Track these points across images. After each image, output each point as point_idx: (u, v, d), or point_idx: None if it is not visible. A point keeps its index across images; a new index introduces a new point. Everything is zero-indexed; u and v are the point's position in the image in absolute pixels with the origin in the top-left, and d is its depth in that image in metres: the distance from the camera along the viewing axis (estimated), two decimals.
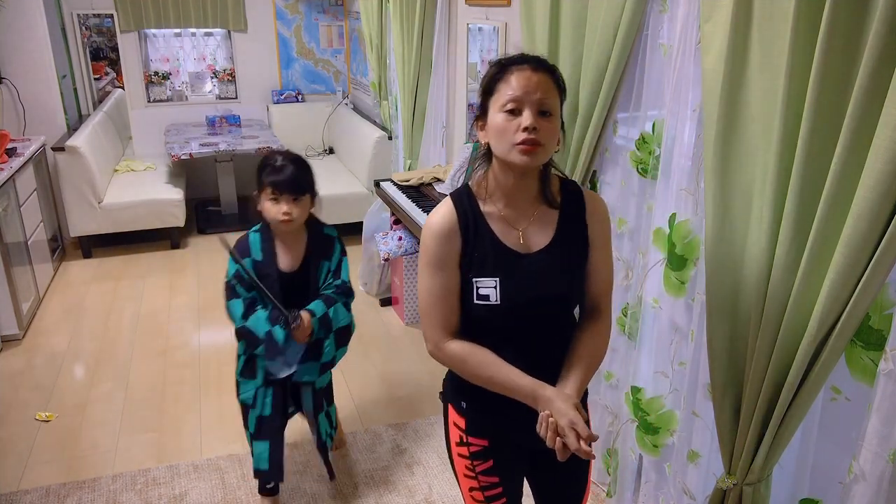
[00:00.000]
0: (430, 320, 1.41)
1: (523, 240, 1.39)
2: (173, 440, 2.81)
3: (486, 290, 1.36)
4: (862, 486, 1.34)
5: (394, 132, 4.66)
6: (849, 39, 1.21)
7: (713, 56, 1.52)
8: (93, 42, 5.51)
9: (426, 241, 1.39)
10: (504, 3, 3.05)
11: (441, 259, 1.37)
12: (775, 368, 1.44)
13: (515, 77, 1.29)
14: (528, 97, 1.27)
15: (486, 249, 1.37)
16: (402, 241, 3.66)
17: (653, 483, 2.15)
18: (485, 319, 1.39)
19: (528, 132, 1.26)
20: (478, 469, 1.51)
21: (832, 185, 1.25)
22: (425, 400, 3.11)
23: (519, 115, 1.28)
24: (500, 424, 1.48)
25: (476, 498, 1.54)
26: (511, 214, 1.40)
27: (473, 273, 1.37)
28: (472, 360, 1.38)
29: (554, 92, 1.31)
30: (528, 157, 1.28)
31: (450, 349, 1.40)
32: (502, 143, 1.30)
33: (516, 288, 1.36)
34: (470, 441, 1.51)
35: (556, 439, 1.26)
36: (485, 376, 1.37)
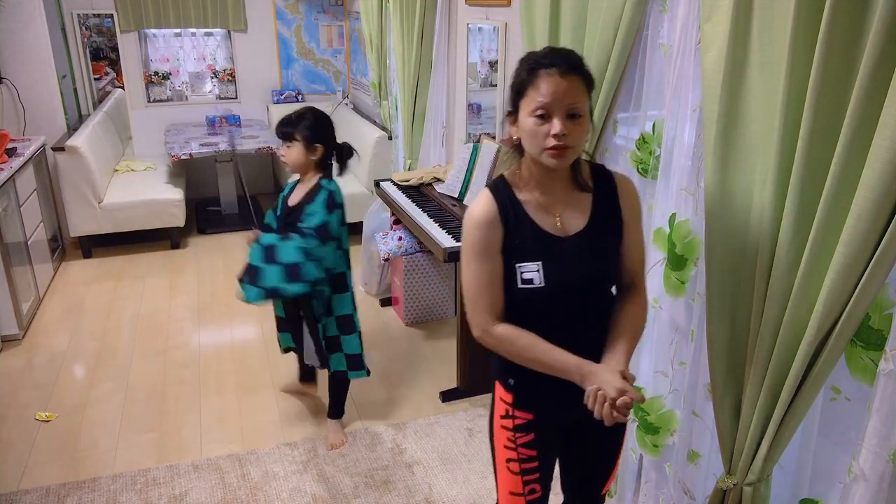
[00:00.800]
0: (476, 306, 1.48)
1: (561, 224, 1.47)
2: (173, 440, 2.81)
3: (530, 275, 1.44)
4: (862, 486, 1.34)
5: (394, 132, 4.66)
6: (849, 39, 1.21)
7: (713, 56, 1.51)
8: (93, 42, 5.51)
9: (469, 232, 1.46)
10: (504, 3, 3.05)
11: (484, 247, 1.45)
12: (775, 368, 1.45)
13: (545, 83, 1.33)
14: (558, 104, 1.32)
15: (527, 236, 1.45)
16: (402, 241, 3.66)
17: (653, 483, 2.15)
18: (529, 303, 1.47)
19: (558, 139, 1.32)
20: (519, 441, 1.60)
21: (832, 185, 1.25)
22: (425, 400, 3.11)
23: (549, 121, 1.33)
24: (544, 400, 1.56)
25: (512, 469, 1.62)
26: (547, 201, 1.47)
27: (516, 259, 1.45)
28: (519, 342, 1.46)
29: (583, 93, 1.35)
30: (558, 161, 1.36)
31: (497, 332, 1.48)
32: (533, 145, 1.37)
33: (559, 270, 1.44)
34: (515, 414, 1.59)
35: (604, 409, 1.34)
36: (531, 357, 1.45)
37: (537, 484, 1.63)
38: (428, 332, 3.75)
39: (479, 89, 3.58)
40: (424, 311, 3.84)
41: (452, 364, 3.24)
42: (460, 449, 2.76)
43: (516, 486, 1.63)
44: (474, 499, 2.49)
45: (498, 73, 3.22)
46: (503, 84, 3.21)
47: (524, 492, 1.63)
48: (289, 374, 3.29)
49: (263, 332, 3.72)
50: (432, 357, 3.48)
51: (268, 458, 2.70)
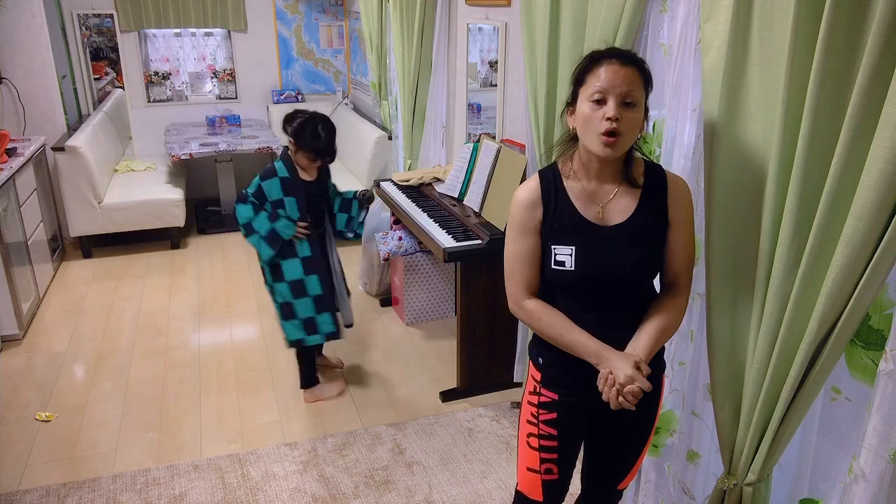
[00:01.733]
0: (512, 280, 1.58)
1: (603, 214, 1.52)
2: (173, 440, 2.81)
3: (563, 257, 1.51)
4: (862, 486, 1.34)
5: (394, 132, 4.66)
6: (849, 39, 1.21)
7: (713, 56, 1.52)
8: (93, 42, 5.51)
9: (513, 210, 1.56)
10: (504, 3, 3.05)
11: (524, 226, 1.54)
12: (775, 368, 1.44)
13: (604, 70, 1.40)
14: (614, 89, 1.38)
15: (565, 220, 1.51)
16: (402, 241, 3.66)
17: (653, 483, 2.15)
18: (561, 284, 1.54)
19: (611, 122, 1.37)
20: (541, 418, 1.65)
21: (832, 185, 1.25)
22: (425, 400, 3.11)
23: (604, 105, 1.39)
24: (570, 383, 1.61)
25: (531, 444, 1.67)
26: (593, 190, 1.53)
27: (552, 240, 1.52)
28: (545, 317, 1.54)
29: (639, 84, 1.41)
30: (610, 149, 1.41)
31: (528, 306, 1.56)
32: (587, 131, 1.43)
33: (590, 257, 1.50)
34: (542, 391, 1.65)
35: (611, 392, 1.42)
36: (555, 334, 1.53)
37: (554, 465, 1.67)
38: (428, 332, 3.75)
39: (479, 89, 3.58)
40: (424, 311, 3.84)
41: (452, 364, 3.24)
42: (460, 449, 2.76)
43: (533, 462, 1.68)
44: (474, 499, 2.49)
45: (498, 73, 3.22)
46: (503, 84, 3.21)
47: (540, 469, 1.67)
48: (289, 374, 3.30)
49: (263, 332, 3.72)
50: (432, 357, 3.48)
51: (268, 458, 2.70)
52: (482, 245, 2.84)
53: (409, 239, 3.66)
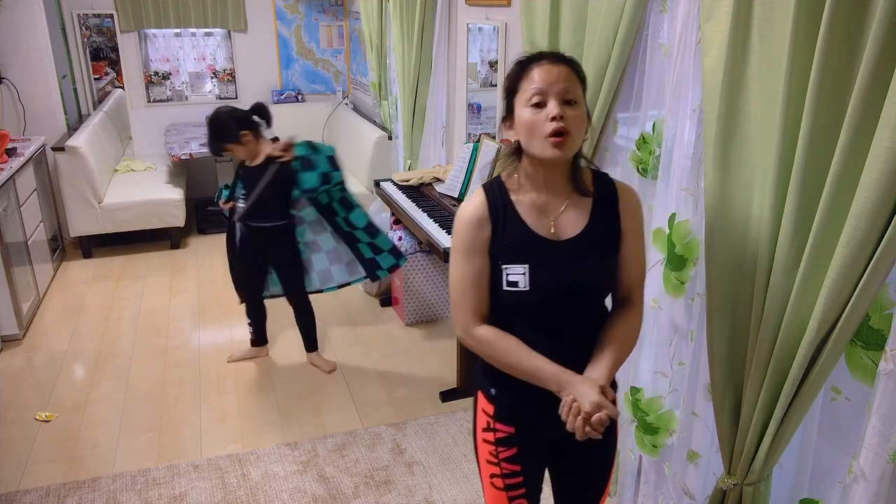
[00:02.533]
0: (460, 306, 1.45)
1: (555, 228, 1.42)
2: (173, 440, 2.81)
3: (516, 277, 1.39)
4: (862, 486, 1.34)
5: (394, 132, 4.66)
6: (849, 39, 1.21)
7: (713, 56, 1.51)
8: (93, 42, 5.51)
9: (458, 229, 1.44)
10: (504, 3, 3.05)
11: (471, 246, 1.42)
12: (775, 368, 1.44)
13: (537, 72, 1.33)
14: (552, 88, 1.31)
15: (516, 237, 1.40)
16: (402, 241, 3.66)
17: (652, 483, 2.15)
18: (514, 306, 1.43)
19: (557, 120, 1.30)
20: (501, 456, 1.54)
21: (832, 185, 1.24)
22: (425, 400, 3.11)
23: (545, 107, 1.32)
24: (527, 413, 1.50)
25: (496, 485, 1.56)
26: (543, 203, 1.43)
27: (503, 260, 1.40)
28: (498, 345, 1.42)
29: (576, 81, 1.35)
30: (559, 150, 1.32)
31: (478, 334, 1.44)
32: (533, 137, 1.34)
33: (545, 275, 1.39)
34: (497, 427, 1.53)
35: (576, 422, 1.30)
36: (511, 362, 1.41)
37: (523, 499, 1.57)
38: (428, 332, 3.75)
39: (479, 89, 3.58)
40: (424, 311, 3.84)
41: (452, 364, 3.24)
42: (460, 449, 2.76)
43: (502, 503, 1.57)
44: (474, 499, 2.49)
45: (498, 73, 3.22)
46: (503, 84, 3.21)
47: None
48: (289, 374, 3.30)
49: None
50: (432, 357, 3.48)
51: (268, 458, 2.70)
52: None
53: (409, 239, 3.66)
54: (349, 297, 4.15)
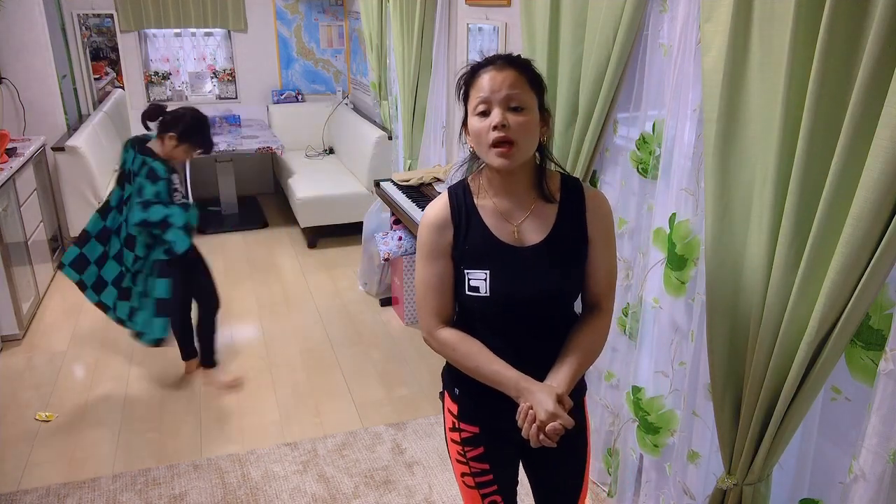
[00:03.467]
0: (424, 309, 1.45)
1: (518, 234, 1.40)
2: (173, 440, 2.81)
3: (477, 282, 1.38)
4: (862, 486, 1.34)
5: (394, 132, 4.66)
6: (849, 39, 1.21)
7: (713, 56, 1.52)
8: (93, 42, 5.51)
9: (421, 232, 1.44)
10: (504, 3, 3.05)
11: (434, 249, 1.41)
12: (775, 368, 1.45)
13: (483, 79, 1.32)
14: (495, 95, 1.29)
15: (478, 242, 1.39)
16: (402, 241, 3.66)
17: (653, 483, 2.15)
18: (476, 311, 1.43)
19: (497, 129, 1.28)
20: (468, 455, 1.54)
21: (832, 185, 1.25)
22: (425, 400, 3.11)
23: (489, 116, 1.30)
24: (490, 413, 1.50)
25: (468, 483, 1.57)
26: (507, 209, 1.41)
27: (465, 265, 1.40)
28: (460, 348, 1.41)
29: (524, 86, 1.31)
30: (505, 160, 1.30)
31: (441, 337, 1.44)
32: (480, 146, 1.34)
33: (506, 281, 1.38)
34: (461, 427, 1.54)
35: (531, 429, 1.30)
36: (472, 366, 1.40)
37: (497, 496, 1.56)
38: None
39: None
40: None
41: None
42: None
43: (476, 501, 1.58)
44: None
45: None
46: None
47: None
48: (289, 374, 3.30)
49: (263, 332, 3.72)
50: (432, 357, 3.48)
51: (268, 458, 2.70)
52: None
53: (409, 239, 3.67)
54: (349, 297, 4.15)
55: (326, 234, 5.06)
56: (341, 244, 5.02)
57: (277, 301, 4.10)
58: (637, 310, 2.14)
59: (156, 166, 2.76)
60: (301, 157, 5.78)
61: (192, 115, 2.87)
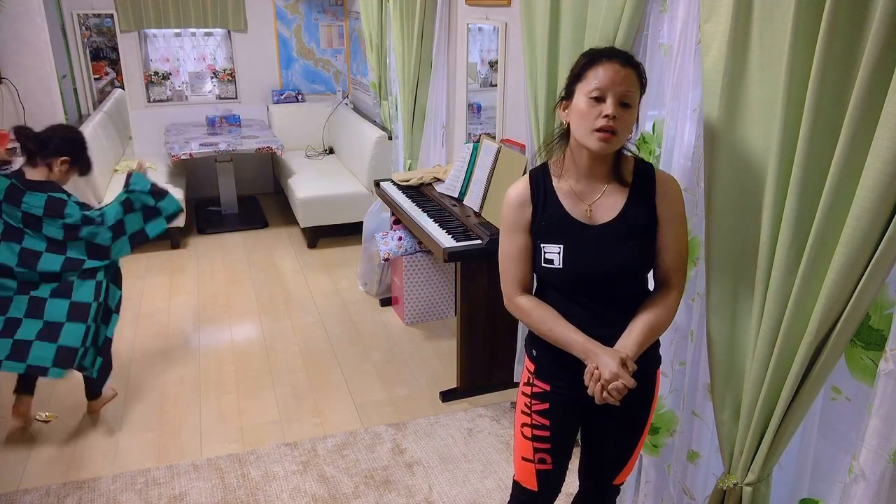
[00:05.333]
0: (505, 277, 1.62)
1: (591, 213, 1.54)
2: (173, 440, 2.81)
3: (552, 255, 1.54)
4: (862, 486, 1.34)
5: (394, 132, 4.66)
6: (849, 39, 1.21)
7: (713, 56, 1.52)
8: (93, 42, 5.51)
9: (504, 210, 1.60)
10: (504, 3, 3.05)
11: (515, 224, 1.58)
12: (775, 368, 1.44)
13: (604, 68, 1.43)
14: (613, 88, 1.41)
15: (553, 218, 1.54)
16: (402, 241, 3.66)
17: (653, 483, 2.15)
18: (550, 281, 1.58)
19: (608, 119, 1.40)
20: (534, 408, 1.68)
21: (832, 185, 1.25)
22: (425, 400, 3.11)
23: (602, 103, 1.42)
24: (561, 373, 1.62)
25: (525, 434, 1.70)
26: (582, 190, 1.55)
27: (541, 239, 1.55)
28: (535, 313, 1.57)
29: (636, 86, 1.45)
30: (605, 144, 1.43)
31: (519, 302, 1.60)
32: (582, 126, 1.45)
33: (578, 255, 1.52)
34: (535, 382, 1.68)
35: (595, 387, 1.45)
36: (545, 329, 1.56)
37: (547, 454, 1.69)
38: (428, 332, 3.75)
39: (479, 89, 3.58)
40: (424, 311, 3.84)
41: (452, 364, 3.24)
42: (460, 449, 2.76)
43: (528, 452, 1.70)
44: (474, 499, 2.49)
45: (498, 73, 3.22)
46: (503, 84, 3.21)
47: (534, 459, 1.70)
48: (289, 374, 3.30)
49: (263, 332, 3.72)
50: (432, 357, 3.48)
51: (268, 458, 2.70)
52: (482, 245, 2.84)
53: (409, 239, 3.67)
54: (349, 297, 4.15)
55: (326, 234, 5.06)
56: (341, 244, 5.02)
57: (277, 301, 4.10)
58: None
59: (58, 196, 2.58)
60: (301, 157, 5.78)
61: (74, 135, 2.69)
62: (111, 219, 2.70)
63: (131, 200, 2.78)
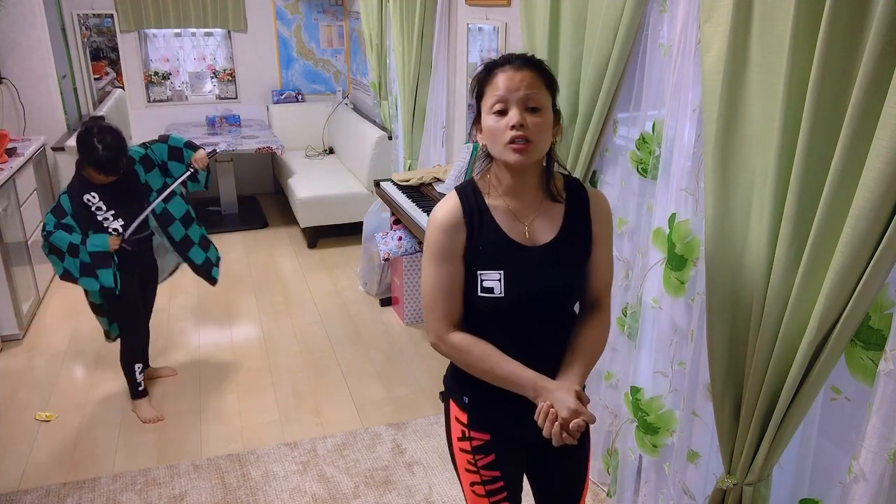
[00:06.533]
0: (433, 312, 1.42)
1: (529, 233, 1.41)
2: (173, 440, 2.81)
3: (491, 283, 1.38)
4: (862, 486, 1.34)
5: (394, 132, 4.66)
6: (849, 39, 1.21)
7: (713, 56, 1.52)
8: (93, 42, 5.51)
9: (431, 234, 1.41)
10: (504, 3, 3.05)
11: (446, 251, 1.39)
12: (775, 368, 1.45)
13: (500, 78, 1.33)
14: (513, 95, 1.30)
15: (491, 241, 1.39)
16: (402, 241, 3.66)
17: (653, 483, 2.15)
18: (489, 312, 1.41)
19: (516, 129, 1.29)
20: (479, 463, 1.53)
21: (832, 185, 1.25)
22: (425, 400, 3.11)
23: (506, 115, 1.31)
24: (501, 419, 1.50)
25: (477, 492, 1.56)
26: (517, 208, 1.42)
27: (478, 266, 1.39)
28: (474, 351, 1.40)
29: (540, 86, 1.33)
30: (521, 156, 1.31)
31: (452, 341, 1.42)
32: (495, 144, 1.34)
33: (520, 280, 1.38)
34: (472, 435, 1.53)
35: (553, 428, 1.28)
36: (486, 368, 1.39)
37: (507, 502, 1.57)
38: None
39: None
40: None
41: None
42: None
43: None
44: None
45: None
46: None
47: None
48: (289, 374, 3.30)
49: (263, 332, 3.72)
50: (432, 357, 3.48)
51: (268, 458, 2.70)
52: None
53: (409, 239, 3.67)
54: (349, 297, 4.15)
55: (326, 234, 5.06)
56: (341, 244, 5.02)
57: (277, 301, 4.10)
58: (637, 310, 2.14)
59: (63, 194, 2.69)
60: (301, 157, 5.78)
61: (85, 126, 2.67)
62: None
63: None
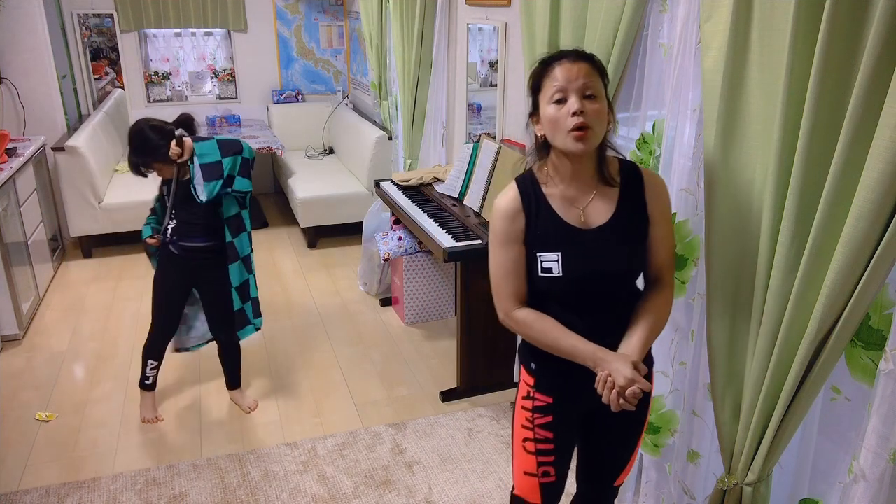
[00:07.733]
0: (500, 291, 1.58)
1: (584, 217, 1.52)
2: (173, 440, 2.81)
3: (549, 264, 1.50)
4: (862, 486, 1.34)
5: (394, 132, 4.66)
6: (849, 39, 1.21)
7: (713, 56, 1.52)
8: (93, 42, 5.51)
9: (494, 221, 1.57)
10: (504, 3, 3.05)
11: (507, 236, 1.54)
12: (775, 368, 1.45)
13: (558, 70, 1.43)
14: (572, 84, 1.41)
15: (548, 226, 1.51)
16: (402, 241, 3.66)
17: (653, 483, 2.15)
18: (549, 290, 1.54)
19: (577, 115, 1.39)
20: (536, 422, 1.65)
21: (832, 185, 1.25)
22: (425, 400, 3.11)
23: (566, 103, 1.41)
24: (564, 384, 1.61)
25: (528, 449, 1.67)
26: (572, 194, 1.52)
27: (537, 248, 1.52)
28: (537, 326, 1.53)
29: (595, 76, 1.43)
30: (582, 144, 1.41)
31: (518, 316, 1.56)
32: (557, 132, 1.44)
33: (577, 261, 1.50)
34: (536, 396, 1.65)
35: (611, 395, 1.41)
36: (549, 341, 1.52)
37: (551, 467, 1.67)
38: (428, 332, 3.75)
39: (479, 89, 3.58)
40: (424, 311, 3.84)
41: (452, 364, 3.24)
42: (460, 449, 2.76)
43: (530, 466, 1.68)
44: (474, 499, 2.49)
45: (498, 73, 3.22)
46: (503, 84, 3.21)
47: (538, 473, 1.68)
48: (289, 374, 3.30)
49: (263, 332, 3.72)
50: (432, 357, 3.48)
51: (268, 458, 2.70)
52: (482, 245, 2.84)
53: (409, 239, 3.67)
54: (349, 297, 4.15)
55: (326, 234, 5.06)
56: (341, 244, 5.02)
57: (277, 301, 4.10)
58: None
59: None
60: (301, 157, 5.78)
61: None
62: None
63: None
